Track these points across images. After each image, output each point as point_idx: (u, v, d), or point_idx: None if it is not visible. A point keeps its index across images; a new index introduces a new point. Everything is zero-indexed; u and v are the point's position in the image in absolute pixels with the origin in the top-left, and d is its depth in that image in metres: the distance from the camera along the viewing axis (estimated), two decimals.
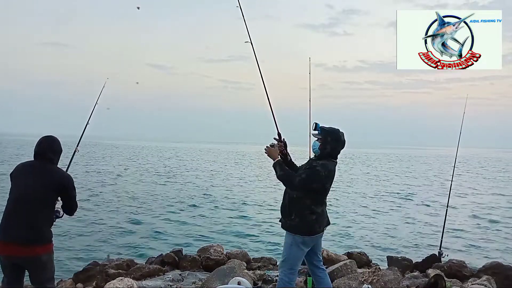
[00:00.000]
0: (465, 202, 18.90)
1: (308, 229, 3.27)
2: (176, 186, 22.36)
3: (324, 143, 3.27)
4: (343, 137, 3.32)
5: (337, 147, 3.29)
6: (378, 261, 7.18)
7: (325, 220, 3.40)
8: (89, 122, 4.43)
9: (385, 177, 32.63)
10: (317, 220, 3.29)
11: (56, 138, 3.19)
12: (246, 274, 4.85)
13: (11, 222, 2.87)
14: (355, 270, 5.07)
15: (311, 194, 3.23)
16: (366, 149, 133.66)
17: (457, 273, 5.41)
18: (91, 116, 4.45)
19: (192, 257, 5.98)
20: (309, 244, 3.32)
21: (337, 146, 3.29)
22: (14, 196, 2.93)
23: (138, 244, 9.99)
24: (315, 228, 3.30)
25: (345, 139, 3.32)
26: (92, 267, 5.55)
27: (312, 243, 3.36)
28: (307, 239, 3.27)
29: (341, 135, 3.30)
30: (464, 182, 28.06)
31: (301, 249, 3.29)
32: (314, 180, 3.18)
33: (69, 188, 3.07)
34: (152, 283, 4.95)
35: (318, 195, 3.29)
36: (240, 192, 20.66)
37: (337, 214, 14.99)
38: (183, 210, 15.06)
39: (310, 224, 3.26)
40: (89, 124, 4.42)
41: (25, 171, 3.04)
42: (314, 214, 3.26)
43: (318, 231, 3.34)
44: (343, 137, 3.31)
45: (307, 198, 3.24)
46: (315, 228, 3.29)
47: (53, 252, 3.02)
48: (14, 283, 2.98)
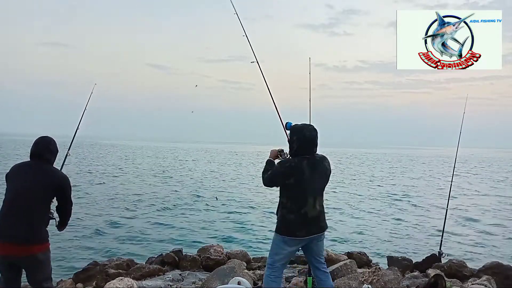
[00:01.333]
0: (465, 202, 18.90)
1: (286, 229, 3.19)
2: (175, 185, 22.36)
3: (290, 142, 3.26)
4: (310, 132, 3.22)
5: (303, 144, 3.20)
6: (378, 261, 7.18)
7: (311, 225, 3.18)
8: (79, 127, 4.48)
9: (385, 177, 32.63)
10: (297, 222, 3.13)
11: (52, 139, 3.19)
12: (246, 274, 4.85)
13: (8, 222, 2.87)
14: (355, 270, 5.07)
15: (285, 192, 3.19)
16: (365, 149, 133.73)
17: (457, 273, 5.41)
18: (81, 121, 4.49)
19: (192, 257, 5.99)
20: (291, 244, 3.21)
21: (303, 143, 3.19)
22: (10, 196, 2.94)
23: (138, 244, 9.99)
24: (294, 230, 3.15)
25: (314, 134, 3.22)
26: (92, 267, 5.55)
27: (298, 244, 3.24)
28: (287, 239, 3.19)
29: (305, 132, 3.21)
30: (464, 182, 28.07)
31: (282, 248, 3.23)
32: (276, 175, 3.21)
33: (66, 188, 3.08)
34: (152, 283, 4.95)
35: (294, 193, 3.15)
36: (240, 192, 20.67)
37: (337, 214, 15.01)
38: (183, 210, 15.06)
39: (288, 224, 3.17)
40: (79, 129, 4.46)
41: (21, 171, 3.04)
42: (293, 214, 3.14)
43: (299, 234, 3.15)
44: (308, 133, 3.21)
45: (283, 196, 3.21)
46: (293, 229, 3.15)
47: (49, 251, 3.03)
48: (11, 283, 2.98)
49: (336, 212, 15.39)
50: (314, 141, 3.23)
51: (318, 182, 3.22)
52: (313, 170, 3.18)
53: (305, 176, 3.14)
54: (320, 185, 3.25)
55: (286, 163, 3.21)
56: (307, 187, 3.15)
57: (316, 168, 3.20)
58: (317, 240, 3.30)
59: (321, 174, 3.24)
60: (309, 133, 3.22)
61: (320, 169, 3.23)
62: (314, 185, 3.19)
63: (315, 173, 3.18)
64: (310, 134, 3.23)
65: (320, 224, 3.25)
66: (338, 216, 14.77)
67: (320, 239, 3.32)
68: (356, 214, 15.46)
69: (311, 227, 3.19)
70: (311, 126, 3.30)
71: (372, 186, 25.82)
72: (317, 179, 3.20)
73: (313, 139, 3.23)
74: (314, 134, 3.24)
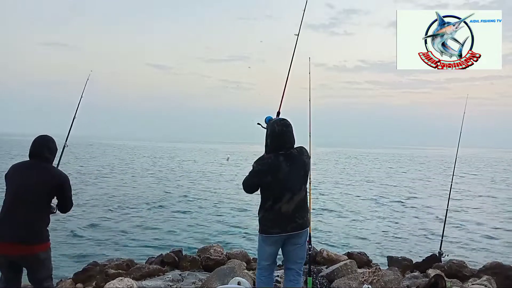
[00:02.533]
0: (465, 202, 18.90)
1: (263, 227, 3.15)
2: (176, 185, 22.36)
3: (266, 137, 3.18)
4: (280, 127, 3.11)
5: (274, 140, 3.11)
6: (378, 261, 7.18)
7: (286, 222, 3.07)
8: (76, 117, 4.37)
9: (385, 177, 32.62)
10: (270, 219, 3.09)
11: (51, 138, 3.19)
12: (246, 274, 4.85)
13: (9, 221, 2.87)
14: (355, 270, 5.07)
15: (263, 191, 3.13)
16: (365, 149, 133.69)
17: (457, 273, 5.41)
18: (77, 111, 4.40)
19: (192, 257, 5.98)
20: (268, 243, 3.16)
21: (274, 138, 3.11)
22: (11, 195, 2.94)
23: (138, 244, 9.99)
24: (268, 228, 3.11)
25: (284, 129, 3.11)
26: (92, 267, 5.54)
27: (275, 244, 3.16)
28: (264, 238, 3.17)
29: (275, 127, 3.11)
30: (464, 182, 28.06)
31: (263, 246, 3.20)
32: (253, 175, 3.12)
33: (66, 187, 3.08)
34: (152, 283, 4.95)
35: (271, 191, 3.07)
36: (240, 192, 20.65)
37: (337, 214, 15.01)
38: (182, 209, 15.06)
39: (264, 222, 3.14)
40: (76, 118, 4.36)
41: (20, 171, 3.03)
42: (267, 212, 3.09)
43: (272, 232, 3.09)
44: (278, 128, 3.10)
45: (262, 195, 3.15)
46: (267, 227, 3.11)
47: (50, 250, 3.04)
48: (12, 282, 2.99)
49: (336, 212, 15.40)
50: (284, 136, 3.11)
51: (296, 178, 3.10)
52: (291, 165, 3.07)
53: (283, 172, 3.05)
54: (299, 180, 3.11)
55: (263, 160, 3.13)
56: (284, 184, 3.05)
57: (293, 163, 3.09)
58: (293, 244, 3.15)
59: (299, 168, 3.11)
60: (278, 128, 3.11)
61: (298, 164, 3.11)
62: (293, 181, 3.08)
63: (293, 168, 3.08)
64: (280, 129, 3.11)
65: (296, 222, 3.09)
66: (338, 216, 14.78)
67: (297, 243, 3.15)
68: (356, 214, 15.45)
69: (285, 225, 3.06)
70: (283, 121, 3.19)
71: (372, 186, 25.81)
72: (295, 175, 3.09)
73: (282, 134, 3.11)
74: (283, 129, 3.12)
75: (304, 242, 3.21)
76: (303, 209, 3.15)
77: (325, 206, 16.73)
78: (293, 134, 3.17)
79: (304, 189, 3.17)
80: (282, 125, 3.14)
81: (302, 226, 3.13)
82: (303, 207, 3.17)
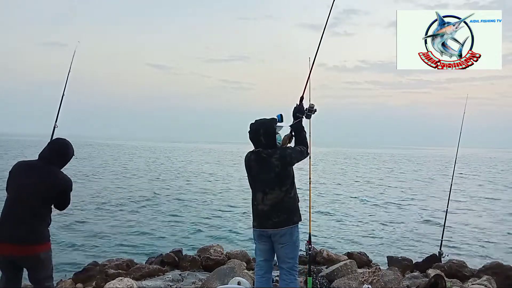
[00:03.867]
0: (465, 201, 18.90)
1: (253, 219, 3.33)
2: (177, 186, 22.37)
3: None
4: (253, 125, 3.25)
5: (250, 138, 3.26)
6: (378, 261, 7.18)
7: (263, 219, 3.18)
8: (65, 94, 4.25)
9: (385, 178, 32.62)
10: (253, 213, 3.30)
11: (67, 143, 3.15)
12: (246, 274, 4.85)
13: (10, 222, 2.87)
14: (355, 270, 5.07)
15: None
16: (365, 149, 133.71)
17: (457, 273, 5.42)
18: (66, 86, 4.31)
19: (192, 257, 5.98)
20: (256, 237, 3.32)
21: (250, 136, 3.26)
22: (13, 195, 2.93)
23: (138, 244, 9.99)
24: (253, 221, 3.32)
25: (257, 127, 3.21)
26: (92, 267, 5.55)
27: (260, 238, 3.28)
28: (254, 232, 3.34)
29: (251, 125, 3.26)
30: (464, 182, 28.06)
31: (255, 242, 3.38)
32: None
33: (68, 191, 3.09)
34: (152, 283, 4.95)
35: (251, 187, 3.32)
36: (240, 192, 20.66)
37: (338, 214, 15.01)
38: (182, 210, 15.06)
39: (253, 215, 3.32)
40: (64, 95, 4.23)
41: (26, 171, 3.02)
42: (252, 207, 3.30)
43: (255, 225, 3.29)
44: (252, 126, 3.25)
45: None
46: (253, 220, 3.31)
47: (51, 250, 3.04)
48: (12, 282, 2.99)
49: (336, 212, 15.39)
50: (255, 135, 3.22)
51: (265, 177, 3.16)
52: (259, 165, 3.21)
53: (252, 170, 3.25)
54: (268, 180, 3.15)
55: (246, 156, 3.33)
56: (255, 181, 3.25)
57: (261, 163, 3.19)
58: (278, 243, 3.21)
59: (268, 169, 3.15)
60: (253, 126, 3.26)
61: (266, 164, 3.16)
62: (262, 180, 3.18)
63: (261, 168, 3.19)
64: (253, 127, 3.25)
65: (272, 220, 3.15)
66: (338, 216, 14.77)
67: (281, 242, 3.19)
68: (356, 214, 15.45)
69: (263, 221, 3.22)
70: (259, 120, 3.29)
71: (372, 186, 25.80)
72: (262, 174, 3.18)
73: (254, 132, 3.23)
74: (256, 127, 3.23)
75: (288, 241, 3.20)
76: (280, 208, 3.16)
77: (325, 206, 16.73)
78: (271, 135, 3.19)
79: (283, 190, 3.15)
80: (255, 124, 3.27)
81: (279, 225, 3.14)
82: (281, 207, 3.16)
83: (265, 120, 3.26)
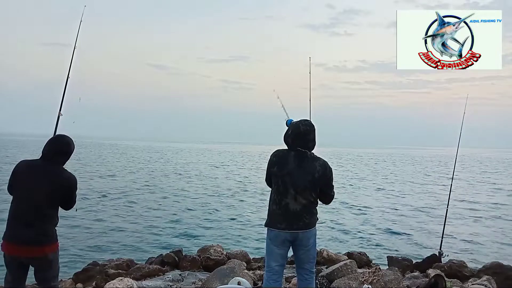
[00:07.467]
0: (465, 201, 18.91)
1: (269, 219, 3.16)
2: (177, 185, 22.37)
3: (285, 136, 3.25)
4: (304, 126, 3.17)
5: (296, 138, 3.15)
6: (378, 261, 7.18)
7: (293, 219, 3.08)
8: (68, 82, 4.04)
9: (385, 177, 32.63)
10: (280, 213, 3.09)
11: (69, 140, 3.12)
12: (246, 274, 4.85)
13: (18, 223, 2.87)
14: (355, 270, 5.06)
15: (271, 182, 3.20)
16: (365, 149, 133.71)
17: (457, 273, 5.42)
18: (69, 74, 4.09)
19: (192, 257, 5.98)
20: (274, 240, 3.14)
21: (296, 136, 3.15)
22: (20, 196, 2.92)
23: (138, 244, 9.99)
24: (276, 221, 3.11)
25: (308, 128, 3.16)
26: (92, 267, 5.55)
27: (283, 242, 3.14)
28: (270, 234, 3.16)
29: (300, 126, 3.17)
30: (464, 182, 28.07)
31: (269, 244, 3.19)
32: (268, 166, 3.22)
33: (73, 190, 3.07)
34: (152, 283, 4.95)
35: (276, 183, 3.14)
36: (240, 192, 20.66)
37: (338, 215, 15.00)
38: (183, 210, 15.07)
39: (271, 214, 3.15)
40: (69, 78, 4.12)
41: (30, 170, 3.00)
42: (275, 205, 3.12)
43: (279, 227, 3.08)
44: (303, 127, 3.17)
45: (272, 188, 3.20)
46: (275, 219, 3.11)
47: (59, 250, 3.07)
48: (18, 281, 3.01)
49: (336, 212, 15.39)
50: (305, 135, 3.15)
51: (302, 178, 3.09)
52: (299, 164, 3.10)
53: (289, 167, 3.10)
54: (304, 181, 3.10)
55: (277, 151, 3.22)
56: (289, 179, 3.08)
57: (303, 163, 3.11)
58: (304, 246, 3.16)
59: (308, 171, 3.11)
60: (303, 127, 3.17)
61: (307, 166, 3.12)
62: (297, 179, 3.08)
63: (301, 167, 3.10)
64: (306, 128, 3.17)
65: (303, 221, 3.10)
66: (338, 216, 14.77)
67: (307, 244, 3.16)
68: (356, 214, 15.45)
69: (292, 222, 3.08)
70: (307, 121, 3.25)
71: (371, 186, 25.81)
72: (301, 174, 3.09)
73: (307, 132, 3.16)
74: (307, 129, 3.17)
75: (314, 242, 3.22)
76: (309, 209, 3.15)
77: (325, 206, 16.70)
78: (315, 139, 3.20)
79: (311, 195, 3.13)
80: (306, 125, 3.19)
81: (309, 225, 3.14)
82: (309, 208, 3.15)
83: (312, 123, 3.26)
